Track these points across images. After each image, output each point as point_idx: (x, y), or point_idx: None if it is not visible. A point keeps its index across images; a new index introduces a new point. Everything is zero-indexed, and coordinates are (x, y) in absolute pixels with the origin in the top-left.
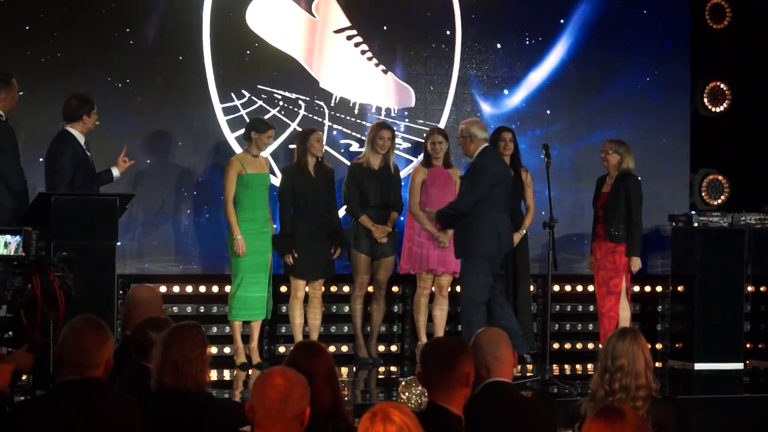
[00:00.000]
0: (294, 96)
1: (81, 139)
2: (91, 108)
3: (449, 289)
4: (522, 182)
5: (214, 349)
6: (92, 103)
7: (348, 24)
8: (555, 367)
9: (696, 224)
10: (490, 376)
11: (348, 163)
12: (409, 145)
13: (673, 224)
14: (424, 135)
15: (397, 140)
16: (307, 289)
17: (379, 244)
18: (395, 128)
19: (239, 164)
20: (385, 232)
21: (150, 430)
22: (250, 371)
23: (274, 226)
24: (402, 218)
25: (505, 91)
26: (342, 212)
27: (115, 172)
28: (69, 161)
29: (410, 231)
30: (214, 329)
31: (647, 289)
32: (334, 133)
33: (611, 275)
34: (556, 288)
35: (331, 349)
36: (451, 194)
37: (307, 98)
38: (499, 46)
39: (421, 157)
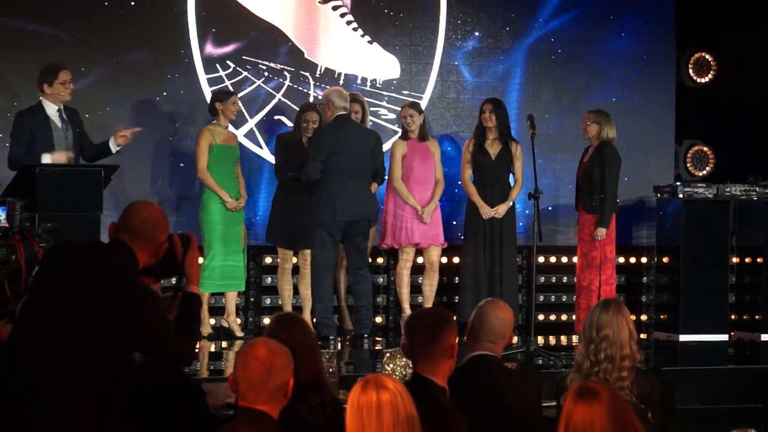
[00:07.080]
0: (279, 67)
1: (51, 108)
2: (53, 77)
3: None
4: (510, 154)
5: None
6: (56, 72)
7: None
8: (540, 338)
9: (681, 195)
10: (482, 348)
11: None
12: (394, 116)
13: (658, 195)
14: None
15: (382, 111)
16: (295, 260)
17: None
18: (380, 99)
19: (210, 135)
20: None
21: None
22: (224, 343)
23: (245, 196)
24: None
25: (490, 62)
26: None
27: (112, 145)
28: (24, 128)
29: (392, 206)
30: None
31: (632, 260)
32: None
33: (589, 247)
34: (542, 259)
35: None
36: (432, 167)
37: (293, 69)
38: (483, 15)
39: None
